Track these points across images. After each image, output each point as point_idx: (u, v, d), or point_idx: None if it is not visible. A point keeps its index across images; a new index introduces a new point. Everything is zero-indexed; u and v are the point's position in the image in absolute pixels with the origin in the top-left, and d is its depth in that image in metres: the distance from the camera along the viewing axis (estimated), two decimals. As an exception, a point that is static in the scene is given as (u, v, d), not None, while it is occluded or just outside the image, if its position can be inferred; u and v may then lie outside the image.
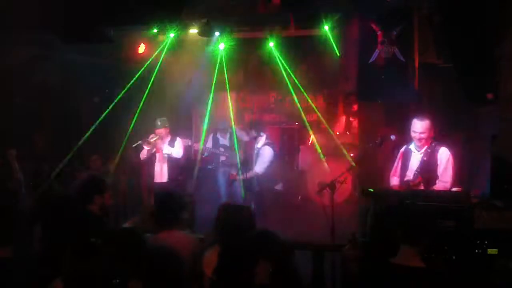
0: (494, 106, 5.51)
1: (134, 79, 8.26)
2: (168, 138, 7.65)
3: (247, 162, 7.37)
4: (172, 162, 7.62)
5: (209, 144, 8.20)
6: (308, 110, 9.49)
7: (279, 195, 7.94)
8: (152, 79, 8.43)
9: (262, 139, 7.48)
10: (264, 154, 7.45)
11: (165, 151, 7.53)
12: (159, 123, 7.60)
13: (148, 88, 8.37)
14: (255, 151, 7.48)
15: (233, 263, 2.68)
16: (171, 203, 4.23)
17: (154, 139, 7.53)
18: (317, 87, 9.48)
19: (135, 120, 8.28)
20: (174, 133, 7.87)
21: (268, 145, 7.51)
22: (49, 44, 7.94)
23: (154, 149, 7.57)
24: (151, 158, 7.68)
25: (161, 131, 7.58)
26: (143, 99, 8.32)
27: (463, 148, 7.43)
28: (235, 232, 3.56)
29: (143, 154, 7.63)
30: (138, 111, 8.18)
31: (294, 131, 9.42)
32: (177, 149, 7.58)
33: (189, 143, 8.19)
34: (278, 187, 7.53)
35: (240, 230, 3.54)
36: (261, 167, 7.39)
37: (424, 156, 5.69)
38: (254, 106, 9.98)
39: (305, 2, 7.56)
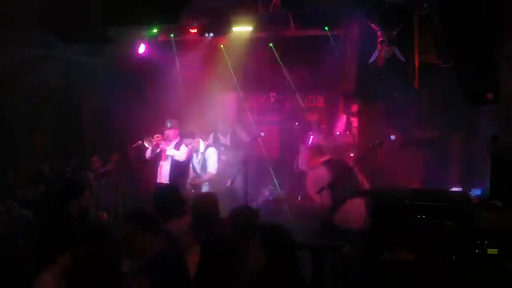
0: (494, 106, 5.50)
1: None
2: (176, 140, 7.60)
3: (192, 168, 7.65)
4: (175, 164, 7.57)
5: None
6: (308, 110, 9.49)
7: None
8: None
9: (202, 144, 7.63)
10: (211, 156, 7.59)
11: (168, 152, 7.50)
12: (168, 124, 7.57)
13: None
14: (200, 157, 7.60)
15: (216, 258, 2.67)
16: (171, 195, 4.38)
17: (157, 139, 7.48)
18: (317, 87, 9.48)
19: (136, 120, 8.30)
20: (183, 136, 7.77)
21: (211, 146, 7.73)
22: (49, 44, 7.94)
23: (159, 149, 7.53)
24: (156, 159, 7.66)
25: (170, 132, 7.54)
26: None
27: (462, 148, 7.44)
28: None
29: (148, 153, 7.60)
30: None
31: (294, 131, 9.41)
32: (180, 153, 7.52)
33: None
34: (228, 183, 7.53)
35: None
36: (214, 168, 7.56)
37: None
38: (254, 106, 9.97)
39: (305, 2, 7.55)
